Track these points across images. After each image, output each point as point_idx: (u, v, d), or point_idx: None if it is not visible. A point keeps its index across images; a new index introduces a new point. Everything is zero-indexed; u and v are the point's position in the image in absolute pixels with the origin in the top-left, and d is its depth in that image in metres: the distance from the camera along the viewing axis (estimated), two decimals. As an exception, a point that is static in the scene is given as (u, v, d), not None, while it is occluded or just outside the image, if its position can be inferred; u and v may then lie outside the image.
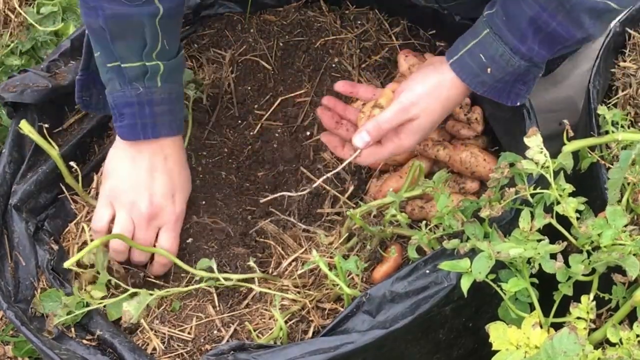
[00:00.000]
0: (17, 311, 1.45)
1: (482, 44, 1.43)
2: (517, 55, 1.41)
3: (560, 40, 1.39)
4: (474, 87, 1.45)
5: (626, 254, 1.22)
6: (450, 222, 1.38)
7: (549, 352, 1.14)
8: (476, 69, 1.44)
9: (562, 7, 1.35)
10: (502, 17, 1.41)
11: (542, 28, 1.38)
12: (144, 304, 1.45)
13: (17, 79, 1.66)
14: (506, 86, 1.47)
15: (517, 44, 1.40)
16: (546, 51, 1.41)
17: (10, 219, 1.56)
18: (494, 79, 1.44)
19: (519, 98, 1.49)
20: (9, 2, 2.27)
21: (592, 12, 1.35)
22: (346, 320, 1.35)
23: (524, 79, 1.47)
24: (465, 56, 1.45)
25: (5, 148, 1.62)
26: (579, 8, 1.34)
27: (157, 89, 1.54)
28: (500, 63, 1.42)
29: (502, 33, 1.41)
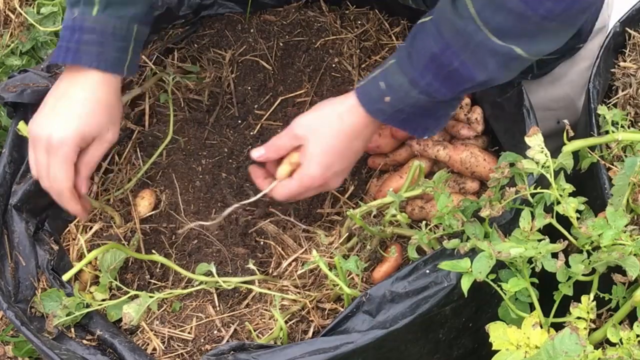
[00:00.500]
0: (17, 311, 1.45)
1: (386, 72, 1.43)
2: (415, 88, 1.39)
3: (460, 81, 1.37)
4: (372, 113, 1.45)
5: (626, 254, 1.22)
6: (451, 222, 1.38)
7: (549, 352, 1.14)
8: (375, 96, 1.43)
9: (467, 47, 1.33)
10: (409, 48, 1.40)
11: (444, 65, 1.36)
12: (144, 306, 1.45)
13: (17, 79, 1.66)
14: (412, 118, 1.45)
15: (417, 77, 1.39)
16: (447, 89, 1.39)
17: (11, 219, 1.56)
18: (393, 108, 1.43)
19: (427, 132, 1.47)
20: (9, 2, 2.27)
21: (496, 56, 1.32)
22: (346, 320, 1.35)
23: (434, 115, 1.45)
24: (369, 83, 1.45)
25: (5, 148, 1.62)
26: (482, 49, 1.32)
27: (91, 17, 1.48)
28: (399, 93, 1.41)
29: (404, 64, 1.40)
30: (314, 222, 1.64)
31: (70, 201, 1.50)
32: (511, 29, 1.30)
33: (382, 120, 1.45)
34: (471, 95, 1.67)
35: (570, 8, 1.27)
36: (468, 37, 1.32)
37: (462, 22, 1.32)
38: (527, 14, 1.27)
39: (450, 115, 1.48)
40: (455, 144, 1.61)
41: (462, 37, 1.33)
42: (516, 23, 1.29)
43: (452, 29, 1.34)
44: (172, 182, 1.71)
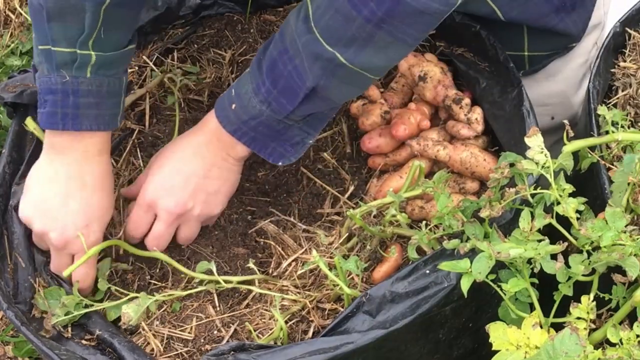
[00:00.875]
0: (17, 311, 1.45)
1: (239, 80, 1.42)
2: (257, 96, 1.38)
3: (294, 87, 1.35)
4: (220, 120, 1.43)
5: (626, 255, 1.22)
6: (450, 222, 1.38)
7: (549, 352, 1.14)
8: (226, 102, 1.42)
9: (298, 52, 1.32)
10: (260, 55, 1.39)
11: (281, 72, 1.35)
12: (143, 306, 1.45)
13: (17, 79, 1.66)
14: (263, 139, 1.43)
15: (259, 84, 1.38)
16: (286, 100, 1.37)
17: (11, 219, 1.56)
18: (239, 118, 1.41)
19: (284, 159, 1.46)
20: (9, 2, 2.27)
21: (320, 60, 1.30)
22: (346, 321, 1.35)
23: (289, 140, 1.44)
24: (226, 90, 1.45)
25: (5, 148, 1.62)
26: (307, 51, 1.31)
27: (85, 79, 1.45)
28: (243, 101, 1.40)
29: (252, 71, 1.39)
30: (314, 222, 1.64)
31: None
32: (338, 31, 1.27)
33: (230, 130, 1.43)
34: (471, 95, 1.67)
35: (392, 12, 1.23)
36: (299, 38, 1.30)
37: (298, 24, 1.31)
38: (351, 15, 1.25)
39: (308, 144, 1.46)
40: (455, 144, 1.61)
41: (297, 40, 1.31)
42: (342, 25, 1.26)
43: (290, 33, 1.33)
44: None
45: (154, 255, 1.55)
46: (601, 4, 1.87)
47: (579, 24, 1.77)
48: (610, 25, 1.75)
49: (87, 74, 1.46)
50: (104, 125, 1.49)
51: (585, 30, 1.80)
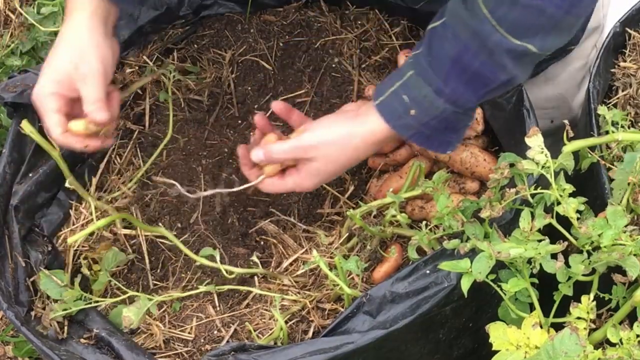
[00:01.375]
0: (17, 311, 1.45)
1: (406, 85, 1.40)
2: (441, 97, 1.37)
3: (485, 82, 1.35)
4: (398, 129, 1.42)
5: (626, 254, 1.22)
6: (451, 223, 1.38)
7: (549, 352, 1.14)
8: (400, 110, 1.40)
9: (484, 48, 1.32)
10: (427, 56, 1.38)
11: (466, 68, 1.34)
12: (144, 309, 1.45)
13: (17, 79, 1.66)
14: (435, 133, 1.43)
15: (440, 85, 1.36)
16: (471, 93, 1.37)
17: (11, 219, 1.56)
18: (419, 122, 1.40)
19: (450, 146, 1.45)
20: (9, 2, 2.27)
21: (513, 54, 1.31)
22: (347, 321, 1.35)
23: (454, 127, 1.43)
24: (390, 97, 1.41)
25: (5, 148, 1.62)
26: (499, 50, 1.31)
27: None
28: (424, 105, 1.38)
29: (425, 74, 1.38)
30: (314, 222, 1.64)
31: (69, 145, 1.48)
32: (526, 25, 1.29)
33: (409, 136, 1.42)
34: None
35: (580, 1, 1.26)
36: (484, 37, 1.31)
37: (475, 22, 1.30)
38: (541, 7, 1.26)
39: (469, 126, 1.46)
40: (455, 144, 1.61)
41: (478, 37, 1.31)
42: (531, 18, 1.28)
43: (467, 29, 1.32)
44: (172, 182, 1.71)
45: (158, 230, 1.54)
46: (600, 6, 1.86)
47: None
48: (609, 28, 1.75)
49: None
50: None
51: (583, 33, 1.79)
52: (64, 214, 1.65)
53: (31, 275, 1.52)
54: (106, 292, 1.56)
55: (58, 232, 1.64)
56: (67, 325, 1.46)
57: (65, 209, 1.66)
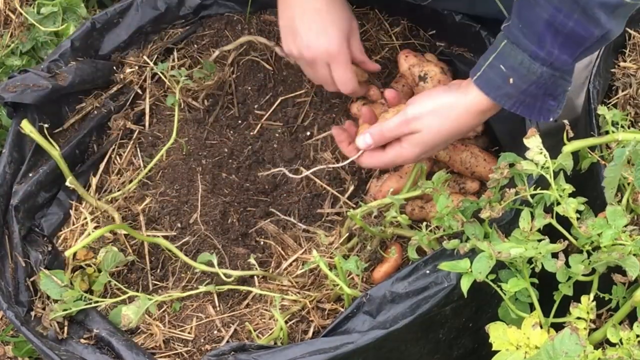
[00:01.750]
0: (17, 311, 1.45)
1: (501, 55, 1.41)
2: (537, 61, 1.38)
3: (579, 41, 1.37)
4: (499, 100, 1.42)
5: (626, 254, 1.22)
6: (451, 223, 1.38)
7: (549, 352, 1.14)
8: (498, 81, 1.41)
9: (576, 5, 1.33)
10: (518, 24, 1.39)
11: (559, 30, 1.36)
12: (143, 308, 1.45)
13: (17, 79, 1.66)
14: (535, 101, 1.43)
15: (535, 49, 1.38)
16: (568, 55, 1.38)
17: (11, 219, 1.56)
18: (518, 89, 1.41)
19: (551, 114, 1.45)
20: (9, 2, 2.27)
21: (606, 7, 1.32)
22: (347, 321, 1.35)
23: (553, 93, 1.44)
24: (487, 70, 1.42)
25: (5, 148, 1.62)
26: (592, 4, 1.32)
27: None
28: (521, 71, 1.39)
29: (519, 41, 1.39)
30: (314, 222, 1.64)
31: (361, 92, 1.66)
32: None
33: (509, 106, 1.43)
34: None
35: None
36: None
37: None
38: None
39: (568, 91, 1.46)
40: (455, 144, 1.61)
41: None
42: None
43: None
44: (172, 182, 1.71)
45: (156, 241, 1.55)
46: None
47: None
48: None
49: None
50: None
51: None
52: (64, 214, 1.65)
53: (31, 275, 1.52)
54: (106, 292, 1.56)
55: (58, 232, 1.64)
56: (67, 325, 1.46)
57: (65, 209, 1.66)
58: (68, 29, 2.21)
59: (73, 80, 1.69)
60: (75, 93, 1.73)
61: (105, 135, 1.76)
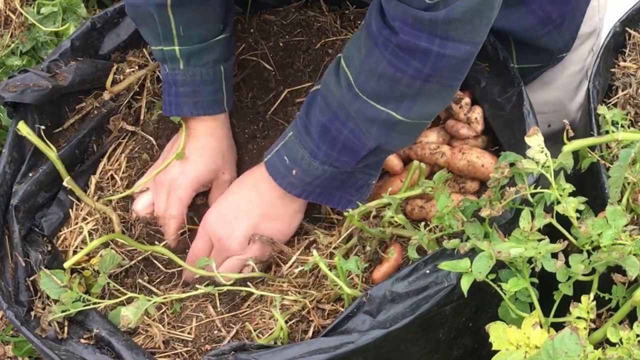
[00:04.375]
0: (17, 311, 1.45)
1: (286, 146, 1.45)
2: (316, 160, 1.41)
3: (356, 149, 1.38)
4: (285, 187, 1.46)
5: (626, 254, 1.22)
6: (451, 222, 1.38)
7: (549, 352, 1.14)
8: (282, 169, 1.45)
9: (350, 116, 1.35)
10: (305, 120, 1.42)
11: (336, 136, 1.38)
12: (142, 309, 1.45)
13: (17, 79, 1.66)
14: (329, 191, 1.46)
15: (314, 148, 1.40)
16: (348, 158, 1.40)
17: (11, 219, 1.56)
18: (303, 181, 1.44)
19: (350, 204, 1.48)
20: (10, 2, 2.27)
21: (377, 122, 1.34)
22: (347, 321, 1.35)
23: (353, 186, 1.46)
24: (274, 156, 1.46)
25: (5, 148, 1.62)
26: (362, 116, 1.34)
27: (180, 71, 1.61)
28: (303, 166, 1.42)
29: (301, 136, 1.42)
30: (313, 223, 1.64)
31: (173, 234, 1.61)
32: (386, 93, 1.31)
33: (297, 194, 1.47)
34: (471, 94, 1.67)
35: (438, 67, 1.27)
36: (348, 106, 1.34)
37: (342, 92, 1.33)
38: (396, 76, 1.28)
39: (372, 184, 1.49)
40: (453, 150, 1.60)
41: (345, 106, 1.34)
42: (389, 86, 1.30)
43: (335, 99, 1.36)
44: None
45: (155, 249, 1.55)
46: (596, 10, 1.86)
47: (566, 36, 1.77)
48: (606, 31, 1.75)
49: (180, 66, 1.61)
50: (202, 110, 1.63)
51: (573, 41, 1.80)
52: (64, 214, 1.65)
53: (31, 275, 1.52)
54: (104, 292, 1.56)
55: (58, 232, 1.64)
56: (67, 325, 1.46)
57: (66, 209, 1.66)
58: (68, 29, 2.22)
59: (73, 80, 1.69)
60: (75, 93, 1.73)
61: (105, 135, 1.76)
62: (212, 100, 1.63)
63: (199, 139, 1.63)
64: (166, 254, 1.55)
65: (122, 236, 1.54)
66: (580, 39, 1.83)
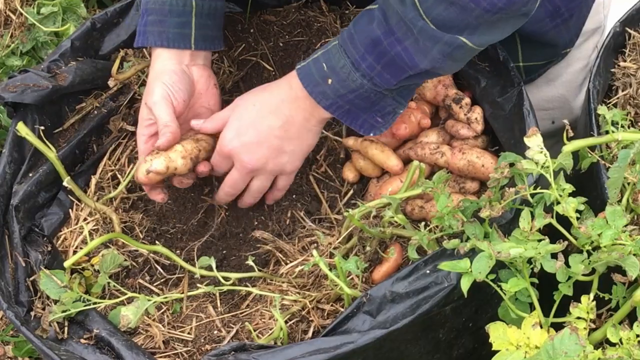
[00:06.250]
0: (17, 311, 1.45)
1: (328, 53, 1.42)
2: (357, 71, 1.39)
3: (403, 67, 1.37)
4: (315, 96, 1.44)
5: (626, 254, 1.22)
6: (450, 223, 1.38)
7: (549, 352, 1.14)
8: (317, 77, 1.42)
9: (410, 33, 1.33)
10: (351, 30, 1.40)
11: (386, 50, 1.36)
12: (142, 309, 1.45)
13: (17, 79, 1.66)
14: (357, 111, 1.44)
15: (358, 59, 1.39)
16: (390, 75, 1.39)
17: (12, 219, 1.56)
18: (336, 93, 1.42)
19: (374, 129, 1.47)
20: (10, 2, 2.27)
21: (439, 43, 1.33)
22: (347, 321, 1.35)
23: (381, 111, 1.45)
24: (310, 63, 1.44)
25: (5, 148, 1.62)
26: (424, 35, 1.32)
27: None
28: (341, 75, 1.40)
29: (346, 46, 1.40)
30: (313, 223, 1.64)
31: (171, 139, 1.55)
32: (452, 21, 1.30)
33: (325, 105, 1.44)
34: (471, 94, 1.67)
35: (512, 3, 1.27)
36: (410, 24, 1.32)
37: (405, 9, 1.32)
38: (469, 6, 1.27)
39: (399, 113, 1.47)
40: (453, 150, 1.61)
41: (405, 24, 1.33)
42: (457, 15, 1.29)
43: (396, 15, 1.34)
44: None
45: (155, 249, 1.55)
46: (601, 7, 1.86)
47: (572, 31, 1.77)
48: (610, 27, 1.75)
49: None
50: (167, 42, 1.58)
51: (577, 37, 1.80)
52: (64, 214, 1.65)
53: (31, 275, 1.52)
54: (104, 293, 1.56)
55: (58, 232, 1.64)
56: (67, 325, 1.46)
57: (65, 209, 1.66)
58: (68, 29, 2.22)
59: (73, 80, 1.69)
60: (75, 93, 1.73)
61: (105, 135, 1.76)
62: (178, 33, 1.59)
63: (157, 68, 1.60)
64: (166, 253, 1.55)
65: (122, 236, 1.54)
66: (585, 35, 1.83)
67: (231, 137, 1.52)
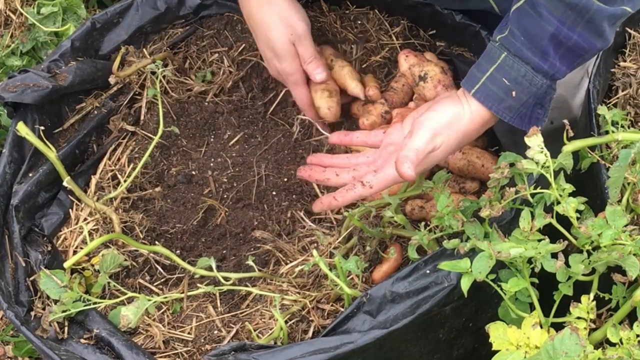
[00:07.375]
0: (17, 311, 1.45)
1: (502, 67, 1.41)
2: (539, 73, 1.40)
3: (580, 53, 1.39)
4: (500, 113, 1.43)
5: (626, 254, 1.22)
6: (451, 222, 1.38)
7: (550, 352, 1.14)
8: (501, 94, 1.41)
9: (580, 18, 1.35)
10: (520, 37, 1.39)
11: (563, 43, 1.37)
12: (142, 309, 1.45)
13: (17, 79, 1.66)
14: (528, 111, 1.45)
15: (538, 62, 1.39)
16: (566, 66, 1.41)
17: (12, 219, 1.56)
18: (519, 102, 1.42)
19: (539, 122, 1.47)
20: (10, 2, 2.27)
21: (611, 19, 1.35)
22: (347, 321, 1.35)
23: (542, 102, 1.45)
24: (486, 83, 1.42)
25: (5, 148, 1.62)
26: (599, 16, 1.34)
27: None
28: (524, 84, 1.40)
29: (522, 54, 1.40)
30: (313, 223, 1.64)
31: None
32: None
33: (508, 119, 1.44)
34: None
35: None
36: (582, 9, 1.34)
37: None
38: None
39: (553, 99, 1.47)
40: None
41: (574, 10, 1.34)
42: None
43: (560, 6, 1.35)
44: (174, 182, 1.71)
45: (155, 249, 1.55)
46: None
47: None
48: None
49: None
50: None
51: None
52: (64, 214, 1.65)
53: (31, 275, 1.52)
54: (105, 292, 1.56)
55: (58, 232, 1.64)
56: (67, 325, 1.46)
57: (66, 209, 1.66)
58: (68, 29, 2.22)
59: (73, 80, 1.69)
60: (75, 93, 1.73)
61: (105, 135, 1.76)
62: None
63: None
64: (166, 254, 1.55)
65: (122, 236, 1.54)
66: None
67: None
